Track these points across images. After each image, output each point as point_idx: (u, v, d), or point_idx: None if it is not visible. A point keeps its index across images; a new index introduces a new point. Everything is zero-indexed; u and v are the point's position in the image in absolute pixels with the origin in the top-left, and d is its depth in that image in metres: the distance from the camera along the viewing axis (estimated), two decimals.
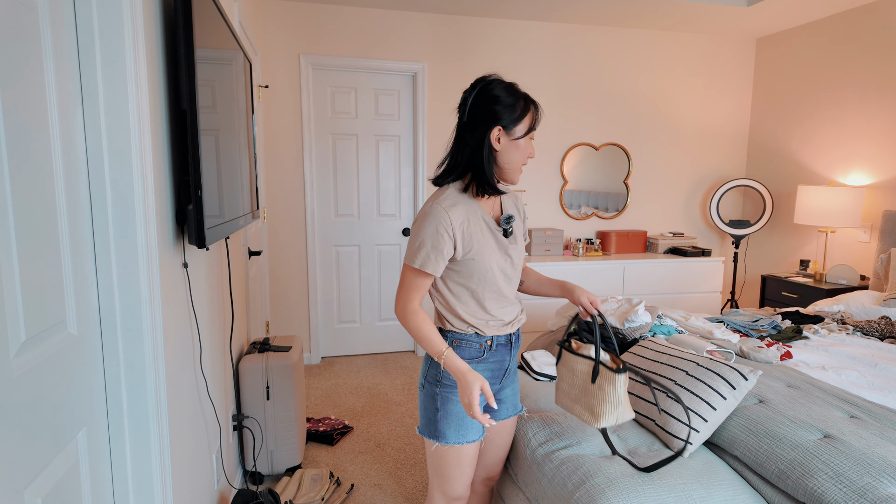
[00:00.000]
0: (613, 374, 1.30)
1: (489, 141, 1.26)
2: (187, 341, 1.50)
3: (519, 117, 1.26)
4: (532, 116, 1.30)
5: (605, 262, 3.84)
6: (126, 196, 1.09)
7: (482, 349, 1.36)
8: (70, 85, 1.00)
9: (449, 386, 1.34)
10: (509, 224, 1.34)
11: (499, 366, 1.41)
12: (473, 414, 1.20)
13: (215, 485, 1.81)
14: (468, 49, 3.84)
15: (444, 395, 1.35)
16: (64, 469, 0.93)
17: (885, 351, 2.18)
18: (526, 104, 1.28)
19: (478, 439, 1.38)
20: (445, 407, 1.35)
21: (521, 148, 1.29)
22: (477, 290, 1.33)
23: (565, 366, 1.45)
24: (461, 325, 1.35)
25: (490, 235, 1.33)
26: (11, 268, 0.80)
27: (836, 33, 3.63)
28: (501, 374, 1.43)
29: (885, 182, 3.37)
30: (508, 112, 1.25)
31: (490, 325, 1.36)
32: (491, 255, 1.32)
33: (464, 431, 1.35)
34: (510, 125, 1.26)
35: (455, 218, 1.27)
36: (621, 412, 1.32)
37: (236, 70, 1.90)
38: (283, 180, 3.68)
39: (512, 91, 1.27)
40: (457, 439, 1.34)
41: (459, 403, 1.34)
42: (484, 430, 1.42)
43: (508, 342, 1.41)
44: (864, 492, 1.18)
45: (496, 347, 1.38)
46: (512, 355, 1.44)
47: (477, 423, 1.36)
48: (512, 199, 1.47)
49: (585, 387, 1.38)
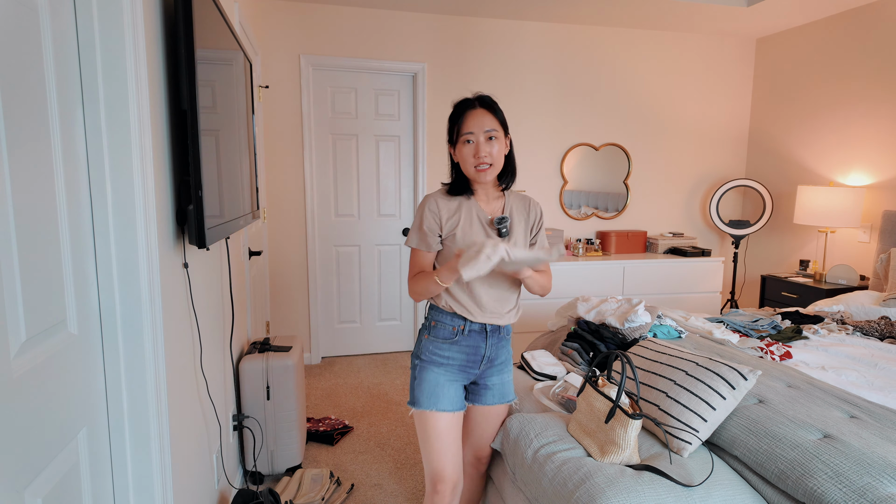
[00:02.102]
0: (629, 418, 1.40)
1: (450, 153, 1.55)
2: (187, 341, 1.50)
3: (450, 129, 1.49)
4: (457, 121, 1.47)
5: (605, 263, 3.84)
6: (126, 196, 1.09)
7: (455, 332, 1.52)
8: (70, 85, 1.00)
9: (424, 360, 1.54)
10: (501, 225, 1.48)
11: (473, 350, 1.54)
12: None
13: (215, 485, 1.81)
14: (468, 49, 3.84)
15: (420, 365, 1.54)
16: (64, 469, 0.93)
17: (885, 351, 2.18)
18: (455, 113, 1.48)
19: (450, 410, 1.52)
20: (420, 375, 1.53)
21: (463, 152, 1.47)
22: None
23: (585, 399, 1.57)
24: (443, 301, 1.53)
25: (481, 231, 1.50)
26: (12, 268, 0.80)
27: (836, 33, 3.63)
28: (479, 360, 1.56)
29: (884, 182, 3.38)
30: (449, 131, 1.52)
31: (465, 310, 1.51)
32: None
33: (435, 399, 1.50)
34: (451, 139, 1.52)
35: (443, 203, 1.51)
36: (628, 456, 1.42)
37: (236, 70, 1.90)
38: (283, 180, 3.68)
39: (452, 109, 1.51)
40: (429, 405, 1.50)
41: (432, 373, 1.52)
42: (457, 404, 1.54)
43: (483, 331, 1.54)
44: (864, 492, 1.18)
45: (469, 333, 1.53)
46: (488, 344, 1.55)
47: (450, 394, 1.52)
48: (523, 205, 1.58)
49: (600, 424, 1.49)
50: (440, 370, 1.53)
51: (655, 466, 1.39)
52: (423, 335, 1.58)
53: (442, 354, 1.53)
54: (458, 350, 1.54)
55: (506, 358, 1.64)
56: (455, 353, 1.54)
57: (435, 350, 1.54)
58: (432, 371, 1.53)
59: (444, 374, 1.53)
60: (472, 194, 1.53)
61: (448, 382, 1.53)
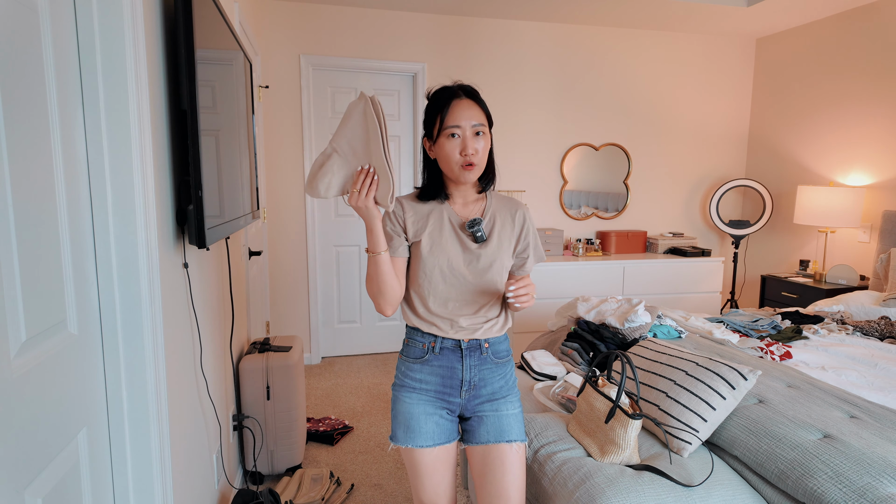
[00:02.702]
0: (629, 418, 1.39)
1: (423, 150, 1.34)
2: (187, 341, 1.50)
3: (430, 121, 1.29)
4: (441, 113, 1.26)
5: (604, 263, 3.84)
6: (126, 196, 1.09)
7: (425, 349, 1.32)
8: (70, 85, 1.00)
9: (397, 385, 1.35)
10: (475, 227, 1.28)
11: (449, 373, 1.31)
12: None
13: (215, 485, 1.81)
14: (468, 49, 3.84)
15: (394, 394, 1.36)
16: (64, 469, 0.93)
17: (885, 351, 2.18)
18: (436, 104, 1.27)
19: (430, 445, 1.30)
20: (395, 405, 1.35)
21: (446, 148, 1.26)
22: (423, 285, 1.31)
23: (585, 399, 1.53)
24: (409, 317, 1.35)
25: (452, 236, 1.30)
26: (12, 268, 0.80)
27: (836, 33, 3.63)
28: (457, 385, 1.31)
29: (884, 182, 3.38)
30: (427, 124, 1.30)
31: (432, 325, 1.31)
32: (440, 253, 1.28)
33: (411, 434, 1.31)
34: (429, 134, 1.30)
35: (409, 205, 1.32)
36: (627, 456, 1.41)
37: (236, 70, 1.90)
38: (283, 180, 3.68)
39: (431, 99, 1.29)
40: (405, 440, 1.31)
41: (405, 402, 1.33)
42: (439, 437, 1.31)
43: (458, 348, 1.31)
44: (863, 492, 1.18)
45: (441, 351, 1.31)
46: (466, 365, 1.31)
47: (429, 427, 1.31)
48: (507, 208, 1.37)
49: (599, 424, 1.47)
50: (414, 397, 1.32)
51: (655, 466, 1.39)
52: (399, 356, 1.40)
53: (413, 377, 1.33)
54: (430, 372, 1.32)
55: (501, 386, 1.34)
56: (427, 376, 1.32)
57: (407, 372, 1.34)
58: (406, 399, 1.33)
59: (419, 401, 1.32)
60: (446, 198, 1.33)
61: (425, 415, 1.31)
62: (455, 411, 1.35)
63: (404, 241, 1.31)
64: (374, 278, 1.25)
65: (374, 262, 1.23)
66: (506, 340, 1.38)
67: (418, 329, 1.34)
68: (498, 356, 1.35)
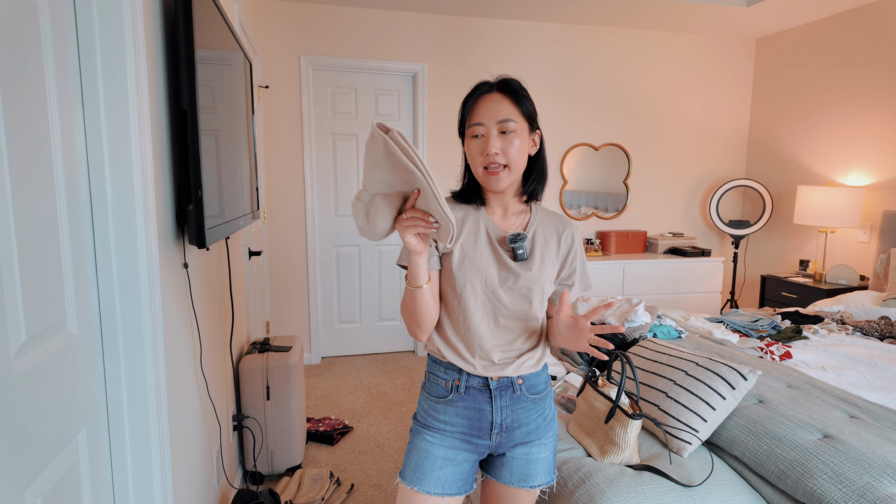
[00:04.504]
0: (629, 419, 1.39)
1: (464, 152, 1.20)
2: (187, 341, 1.50)
3: (460, 120, 1.18)
4: (465, 109, 1.15)
5: (604, 263, 3.84)
6: (126, 196, 1.09)
7: (448, 388, 1.17)
8: (70, 85, 1.00)
9: (418, 421, 1.22)
10: (517, 244, 1.12)
11: (476, 415, 1.16)
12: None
13: (215, 485, 1.81)
14: (468, 49, 3.84)
15: (416, 428, 1.22)
16: (64, 469, 0.93)
17: (885, 351, 2.18)
18: (465, 100, 1.15)
19: (438, 494, 1.14)
20: (413, 441, 1.21)
21: (470, 148, 1.15)
22: (451, 303, 1.16)
23: (585, 399, 1.53)
24: (432, 343, 1.20)
25: (488, 251, 1.15)
26: (12, 268, 0.80)
27: (836, 33, 3.63)
28: (487, 428, 1.16)
29: (884, 182, 3.38)
30: (459, 124, 1.19)
31: (457, 355, 1.16)
32: (472, 268, 1.13)
33: (421, 476, 1.15)
34: (461, 132, 1.19)
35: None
36: (627, 456, 1.41)
37: (236, 70, 1.90)
38: (283, 180, 3.68)
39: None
40: (412, 481, 1.16)
41: (425, 439, 1.18)
42: (452, 487, 1.16)
43: (486, 387, 1.15)
44: (863, 492, 1.18)
45: (467, 391, 1.16)
46: (496, 406, 1.15)
47: (444, 473, 1.15)
48: (553, 225, 1.20)
49: (599, 424, 1.47)
50: (436, 437, 1.17)
51: (655, 466, 1.39)
52: (421, 390, 1.25)
53: (437, 417, 1.18)
54: (455, 413, 1.17)
55: (539, 425, 1.19)
56: (452, 417, 1.17)
57: (430, 411, 1.19)
58: (427, 437, 1.18)
59: (440, 442, 1.16)
60: (483, 204, 1.18)
61: (443, 459, 1.16)
62: (483, 454, 1.20)
63: (435, 250, 1.15)
64: (411, 309, 1.12)
65: (413, 295, 1.10)
66: (544, 372, 1.22)
67: (439, 362, 1.19)
68: (534, 391, 1.19)
